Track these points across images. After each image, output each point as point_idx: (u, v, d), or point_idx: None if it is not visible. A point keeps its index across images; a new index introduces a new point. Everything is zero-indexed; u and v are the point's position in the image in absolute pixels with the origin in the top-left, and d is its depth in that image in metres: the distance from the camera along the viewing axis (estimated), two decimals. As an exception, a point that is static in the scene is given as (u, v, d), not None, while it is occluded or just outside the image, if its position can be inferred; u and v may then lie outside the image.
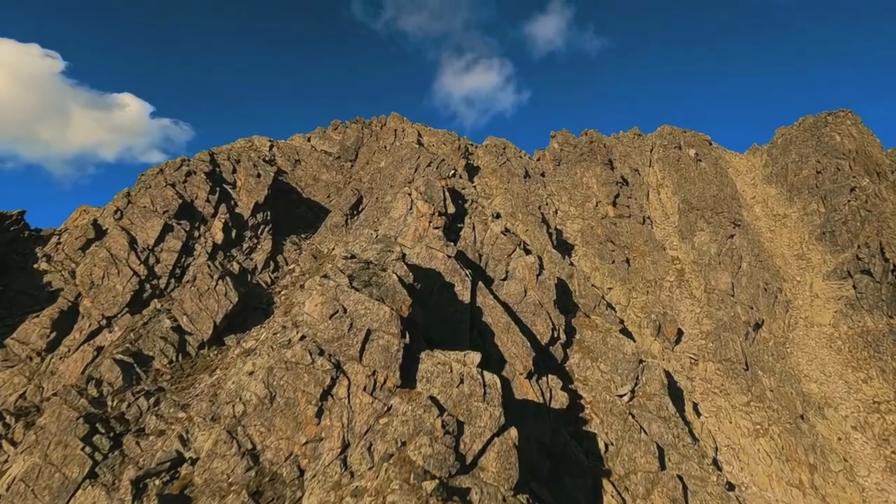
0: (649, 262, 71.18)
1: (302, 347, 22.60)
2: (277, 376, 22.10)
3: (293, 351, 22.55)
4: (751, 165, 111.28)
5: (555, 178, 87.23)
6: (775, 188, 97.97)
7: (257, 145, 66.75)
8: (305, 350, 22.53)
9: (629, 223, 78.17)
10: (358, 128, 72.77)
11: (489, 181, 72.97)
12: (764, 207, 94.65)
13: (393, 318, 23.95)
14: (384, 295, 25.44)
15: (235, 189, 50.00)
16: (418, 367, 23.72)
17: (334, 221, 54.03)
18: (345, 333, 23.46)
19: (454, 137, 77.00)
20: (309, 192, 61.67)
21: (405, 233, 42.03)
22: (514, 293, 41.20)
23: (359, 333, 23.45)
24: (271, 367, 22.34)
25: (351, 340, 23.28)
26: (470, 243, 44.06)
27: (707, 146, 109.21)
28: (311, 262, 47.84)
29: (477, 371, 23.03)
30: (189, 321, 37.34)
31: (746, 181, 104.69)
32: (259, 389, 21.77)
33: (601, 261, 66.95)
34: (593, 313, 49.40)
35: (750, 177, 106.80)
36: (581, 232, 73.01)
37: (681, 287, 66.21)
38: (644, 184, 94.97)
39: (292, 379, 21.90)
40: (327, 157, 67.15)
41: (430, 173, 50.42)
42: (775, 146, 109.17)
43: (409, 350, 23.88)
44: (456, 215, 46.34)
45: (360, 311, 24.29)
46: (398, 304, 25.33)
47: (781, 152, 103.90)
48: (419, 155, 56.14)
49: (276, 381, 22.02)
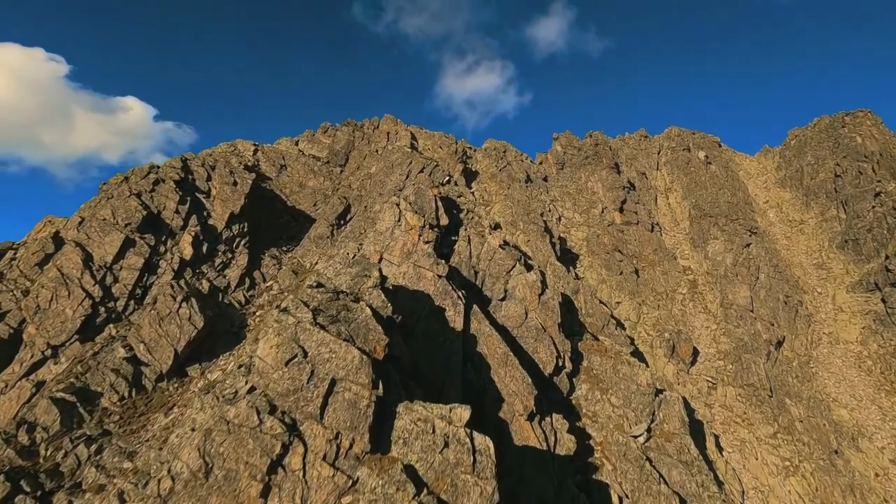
0: (659, 272, 66.65)
1: (248, 404, 18.26)
2: (216, 442, 17.77)
3: (237, 409, 18.21)
4: (762, 168, 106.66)
5: (558, 183, 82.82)
6: (790, 192, 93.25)
7: (240, 150, 62.60)
8: (252, 408, 18.19)
9: (637, 230, 73.65)
10: (349, 130, 68.56)
11: (488, 187, 68.61)
12: (778, 212, 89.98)
13: (363, 364, 19.59)
14: (355, 333, 21.08)
15: (209, 198, 45.80)
16: (394, 425, 19.36)
17: (319, 233, 49.76)
18: (303, 384, 19.11)
19: (451, 140, 72.74)
20: (294, 199, 57.44)
21: (392, 248, 37.70)
22: (514, 315, 36.79)
23: (321, 384, 19.10)
24: (209, 431, 18.01)
25: (310, 393, 18.93)
26: (465, 259, 39.70)
27: (717, 148, 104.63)
28: (291, 279, 43.57)
29: (465, 433, 18.65)
30: (146, 350, 33.09)
31: (758, 185, 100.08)
32: (192, 460, 17.43)
33: (608, 272, 62.45)
34: (601, 334, 44.92)
35: (762, 180, 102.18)
36: (586, 240, 68.54)
37: (694, 300, 61.63)
38: (652, 188, 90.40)
39: (234, 446, 17.57)
40: (315, 162, 62.95)
41: (422, 180, 46.13)
42: (788, 148, 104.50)
43: (384, 403, 19.52)
44: (450, 227, 42.00)
45: (324, 354, 19.94)
46: (371, 345, 20.97)
47: (795, 154, 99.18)
48: (411, 160, 51.86)
49: (215, 448, 17.68)
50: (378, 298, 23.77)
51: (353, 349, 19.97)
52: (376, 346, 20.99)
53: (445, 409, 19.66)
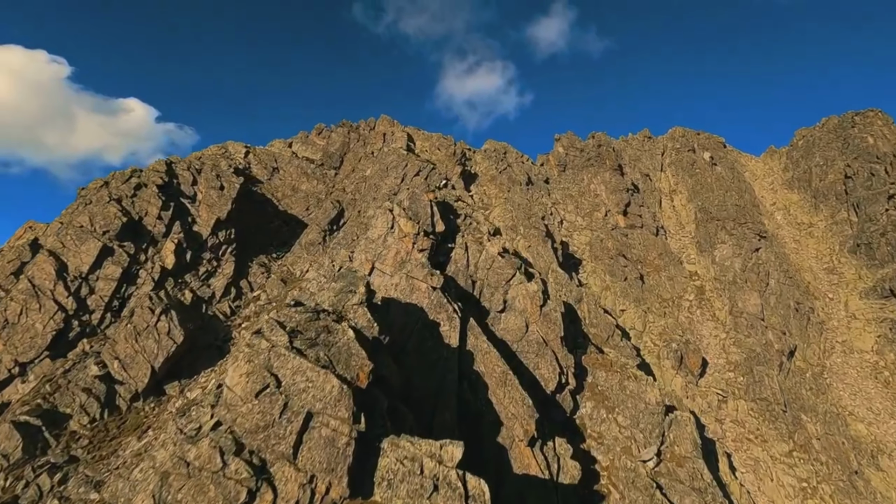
0: (665, 277, 64.42)
1: (211, 444, 16.14)
2: (174, 488, 15.65)
3: (199, 450, 16.09)
4: (768, 169, 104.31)
5: (560, 185, 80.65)
6: (798, 194, 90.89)
7: (231, 152, 60.55)
8: (216, 448, 16.07)
9: (642, 234, 71.44)
10: (344, 132, 66.48)
11: (488, 189, 66.47)
12: (786, 215, 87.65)
13: (343, 395, 17.46)
14: (335, 358, 18.95)
15: (195, 203, 43.73)
16: (378, 464, 17.22)
17: (310, 238, 47.66)
18: (275, 419, 16.99)
19: (450, 142, 70.64)
20: (286, 203, 55.37)
21: (384, 256, 35.57)
22: (514, 328, 34.63)
23: (295, 419, 16.97)
24: (167, 474, 15.90)
25: (283, 430, 16.80)
26: (462, 267, 37.57)
27: (721, 149, 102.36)
28: (280, 288, 41.47)
29: (457, 475, 16.51)
30: (121, 367, 31.00)
31: (765, 186, 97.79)
32: (146, 508, 15.32)
33: (612, 278, 60.25)
34: (606, 345, 42.73)
35: (768, 181, 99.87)
36: (589, 245, 66.35)
37: (702, 307, 59.39)
38: (656, 190, 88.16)
39: (193, 493, 15.44)
40: (308, 165, 60.87)
41: (418, 184, 44.00)
42: (795, 149, 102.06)
43: (366, 439, 17.39)
44: (446, 234, 39.86)
45: (300, 384, 17.81)
46: (353, 371, 18.84)
47: (803, 155, 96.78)
48: (406, 163, 49.74)
49: (172, 494, 15.57)
50: (363, 317, 21.64)
51: (333, 378, 17.82)
52: (359, 373, 18.85)
53: (436, 445, 17.50)
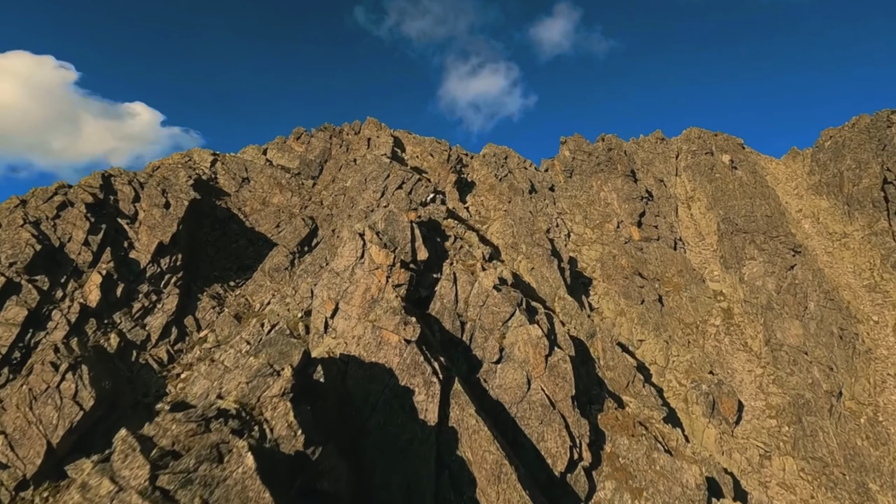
0: (686, 298, 57.05)
1: None
2: None
3: None
4: (791, 173, 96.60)
5: (566, 193, 73.49)
6: (827, 200, 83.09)
7: (196, 160, 53.83)
8: None
9: (658, 248, 64.13)
10: (325, 136, 59.61)
11: (486, 200, 59.38)
12: (815, 223, 79.97)
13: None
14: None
15: (135, 224, 36.93)
16: None
17: (275, 263, 40.78)
18: None
19: (444, 147, 63.68)
20: (254, 219, 48.52)
21: (350, 294, 28.58)
22: (513, 385, 27.50)
23: None
24: None
25: None
26: (448, 304, 30.52)
27: (741, 151, 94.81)
28: (232, 327, 34.56)
29: None
30: (7, 445, 24.17)
31: (788, 191, 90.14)
32: None
33: (628, 301, 52.96)
34: (626, 392, 35.51)
35: (792, 186, 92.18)
36: (600, 262, 59.08)
37: (730, 334, 51.96)
38: (671, 197, 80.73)
39: None
40: (283, 174, 54.03)
41: (400, 199, 36.98)
42: (822, 150, 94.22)
43: None
44: (431, 261, 32.81)
45: (152, 563, 10.85)
46: (250, 529, 11.82)
47: (832, 157, 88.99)
48: (388, 173, 42.75)
49: None
50: (283, 420, 14.60)
51: (206, 552, 10.80)
52: (258, 532, 11.82)
53: None
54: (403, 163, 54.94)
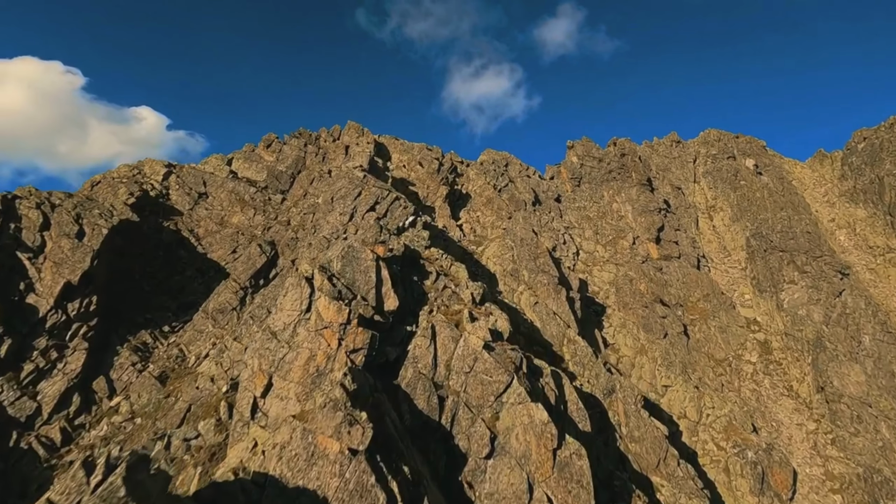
0: (715, 328, 49.22)
1: None
2: None
3: None
4: (819, 177, 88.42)
5: (574, 204, 65.83)
6: (864, 209, 74.83)
7: (147, 173, 46.66)
8: None
9: (680, 267, 56.31)
10: (299, 144, 52.28)
11: (482, 216, 51.79)
12: (851, 235, 71.80)
13: None
14: None
15: (38, 259, 29.66)
16: None
17: (221, 302, 33.43)
18: None
19: (435, 154, 56.21)
20: (208, 243, 41.24)
21: (289, 366, 21.15)
22: (509, 494, 19.93)
23: None
24: None
25: None
26: (424, 371, 23.03)
27: (764, 154, 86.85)
28: (155, 392, 27.18)
29: None
30: None
31: (817, 198, 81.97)
32: None
33: (649, 335, 45.19)
34: (656, 473, 27.82)
35: (821, 192, 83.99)
36: (615, 286, 51.34)
37: (770, 374, 44.08)
38: (691, 206, 72.83)
39: None
40: (248, 189, 46.75)
41: (369, 225, 29.48)
42: (855, 153, 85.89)
43: None
44: (403, 310, 25.34)
45: None
46: None
47: (867, 162, 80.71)
48: (360, 190, 35.29)
49: None
50: None
51: None
52: None
53: None
54: (385, 174, 47.55)
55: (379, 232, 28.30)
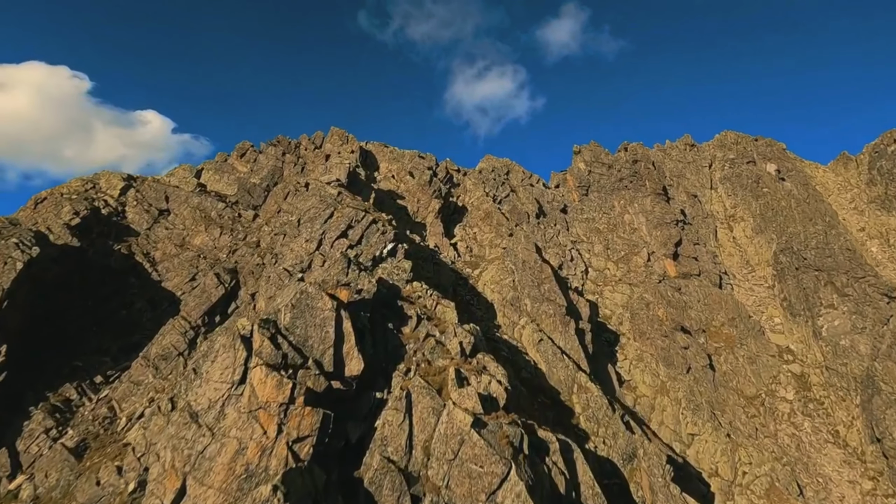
0: (744, 358, 43.54)
1: None
2: None
3: None
4: (843, 182, 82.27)
5: (582, 215, 60.32)
6: (898, 217, 68.79)
7: (103, 187, 41.64)
8: None
9: (701, 287, 50.64)
10: (277, 153, 47.10)
11: (480, 233, 46.32)
12: (884, 246, 65.71)
13: None
14: None
15: (-64, 301, 24.50)
16: None
17: (165, 345, 28.21)
18: None
19: (428, 162, 50.88)
20: (164, 269, 36.09)
21: (210, 463, 15.82)
22: None
23: None
24: None
25: None
26: (395, 457, 17.65)
27: (786, 158, 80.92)
28: (65, 471, 21.91)
29: None
30: None
31: (843, 205, 75.83)
32: None
33: (670, 369, 39.58)
34: (692, 569, 22.29)
35: (847, 198, 77.82)
36: (629, 310, 45.74)
37: (810, 415, 38.34)
38: (708, 216, 67.08)
39: None
40: (216, 204, 41.60)
41: (333, 261, 24.13)
42: (884, 156, 79.59)
43: None
44: (371, 371, 19.96)
45: None
46: None
47: (899, 165, 74.70)
48: (332, 211, 29.97)
49: None
50: None
51: None
52: None
53: None
54: (371, 186, 42.28)
55: (346, 267, 22.93)
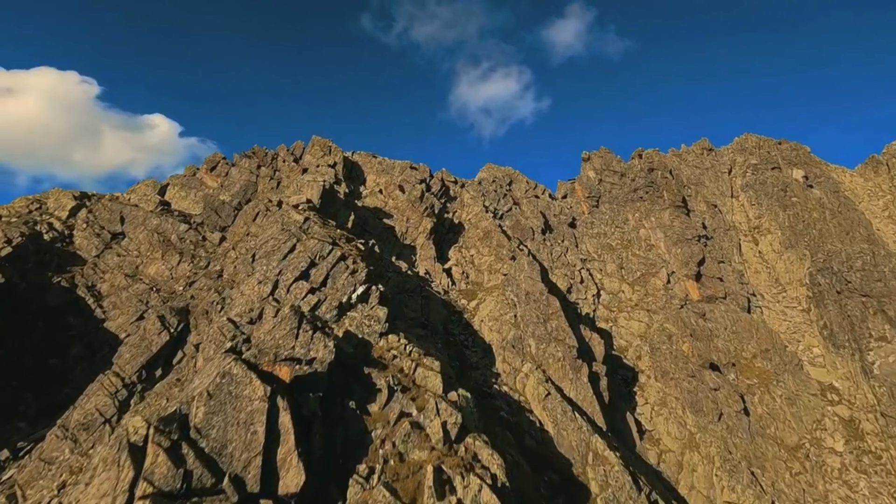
0: (782, 399, 37.91)
1: None
2: None
3: None
4: (873, 188, 76.28)
5: (592, 230, 54.86)
6: (941, 227, 62.79)
7: (51, 207, 36.85)
8: None
9: (727, 311, 45.01)
10: (251, 166, 42.11)
11: (478, 255, 40.97)
12: (926, 260, 59.43)
13: None
14: None
15: None
16: None
17: (89, 410, 23.16)
18: None
19: (421, 174, 45.66)
20: (111, 304, 31.17)
21: None
22: None
23: None
24: None
25: None
26: None
27: (812, 163, 74.93)
28: None
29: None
30: None
31: (875, 213, 69.89)
32: None
33: (698, 416, 34.05)
34: None
35: (879, 206, 71.86)
36: (648, 342, 40.21)
37: (866, 472, 32.66)
38: (730, 227, 61.31)
39: None
40: (177, 226, 36.64)
41: (282, 319, 18.94)
42: (920, 159, 73.61)
43: None
44: (318, 478, 14.71)
45: None
46: None
47: (939, 170, 68.53)
48: (294, 244, 24.79)
49: None
50: None
51: None
52: None
53: None
54: (352, 204, 37.15)
55: (297, 326, 17.76)
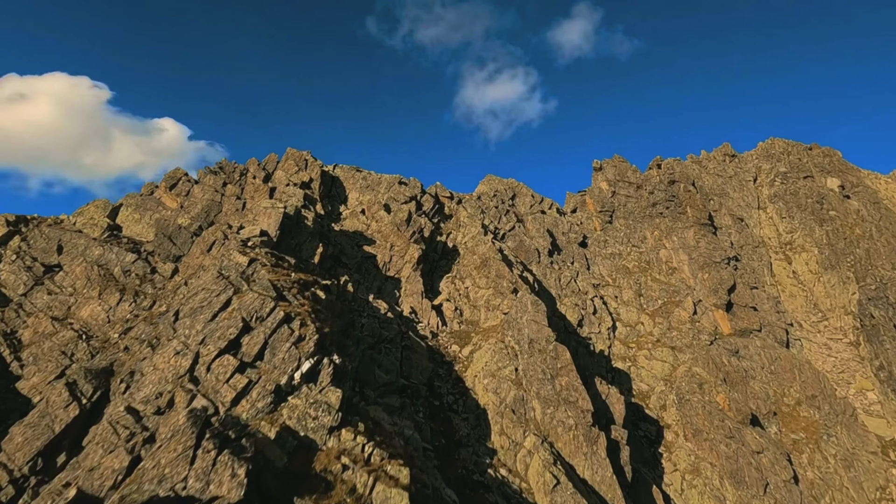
0: (837, 460, 31.82)
1: None
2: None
3: None
4: (913, 195, 69.45)
5: (605, 249, 49.03)
6: None
7: (-23, 236, 31.80)
8: None
9: (763, 346, 38.97)
10: (216, 184, 36.88)
11: (473, 288, 35.30)
12: (983, 280, 52.69)
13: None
14: None
15: None
16: None
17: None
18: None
19: (411, 190, 40.16)
20: (31, 357, 26.05)
21: None
22: None
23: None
24: None
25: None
26: None
27: (846, 170, 68.43)
28: None
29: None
30: None
31: (918, 224, 62.98)
32: None
33: (740, 491, 28.12)
34: None
35: (922, 216, 64.85)
36: (674, 389, 34.30)
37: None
38: (759, 244, 55.04)
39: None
40: (122, 256, 31.47)
41: (192, 418, 13.42)
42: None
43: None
44: None
45: None
46: None
47: None
48: (231, 296, 19.38)
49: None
50: None
51: None
52: None
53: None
54: (323, 232, 31.73)
55: (193, 446, 12.30)
